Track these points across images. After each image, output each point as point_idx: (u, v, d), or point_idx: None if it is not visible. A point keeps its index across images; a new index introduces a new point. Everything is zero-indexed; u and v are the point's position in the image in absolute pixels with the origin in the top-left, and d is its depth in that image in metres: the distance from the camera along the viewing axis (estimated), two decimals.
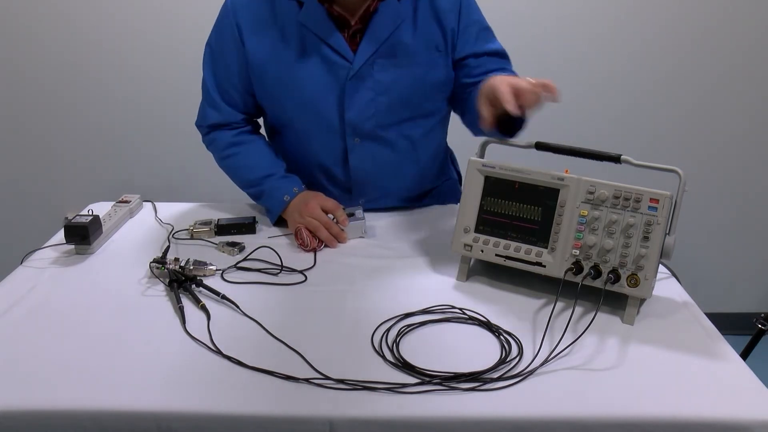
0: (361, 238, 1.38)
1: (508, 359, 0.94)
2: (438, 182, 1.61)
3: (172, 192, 2.25)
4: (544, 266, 1.10)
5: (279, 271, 1.23)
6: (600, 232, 1.06)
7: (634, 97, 2.35)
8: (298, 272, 1.22)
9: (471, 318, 1.06)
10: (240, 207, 1.55)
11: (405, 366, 0.92)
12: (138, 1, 2.18)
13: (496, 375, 0.91)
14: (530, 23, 2.24)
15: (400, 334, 1.01)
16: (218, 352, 0.96)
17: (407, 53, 1.37)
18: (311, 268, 1.24)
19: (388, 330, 1.02)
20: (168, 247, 1.30)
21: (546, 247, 1.11)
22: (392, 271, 1.23)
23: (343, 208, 1.38)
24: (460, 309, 1.08)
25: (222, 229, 1.39)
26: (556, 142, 1.16)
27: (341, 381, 0.89)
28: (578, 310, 1.07)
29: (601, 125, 2.38)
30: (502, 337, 1.00)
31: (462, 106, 1.46)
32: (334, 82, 1.37)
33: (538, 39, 2.26)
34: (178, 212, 1.52)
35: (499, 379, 0.90)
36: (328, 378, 0.90)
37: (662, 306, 1.11)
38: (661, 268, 1.21)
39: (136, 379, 0.90)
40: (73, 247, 1.30)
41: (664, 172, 1.04)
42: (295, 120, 1.43)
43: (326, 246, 1.34)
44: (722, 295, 2.64)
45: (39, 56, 2.23)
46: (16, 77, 2.27)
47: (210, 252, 1.32)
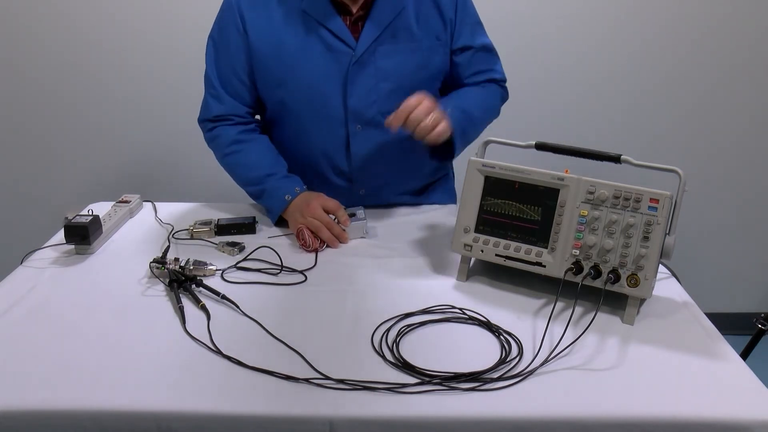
0: (362, 239, 1.38)
1: (508, 359, 0.94)
2: (436, 177, 1.63)
3: (172, 192, 2.26)
4: (544, 266, 1.10)
5: (279, 271, 1.23)
6: (600, 232, 1.06)
7: (634, 97, 2.35)
8: (298, 272, 1.22)
9: (471, 318, 1.06)
10: (240, 207, 1.55)
11: (405, 366, 0.92)
12: (138, 1, 2.18)
13: (496, 375, 0.91)
14: (530, 23, 2.24)
15: (400, 334, 1.01)
16: (218, 352, 0.96)
17: (409, 40, 1.41)
18: (311, 268, 1.24)
19: (388, 330, 1.02)
20: (168, 247, 1.30)
21: (546, 247, 1.11)
22: (392, 271, 1.23)
23: (345, 208, 1.38)
24: (460, 309, 1.08)
25: (222, 229, 1.39)
26: (556, 142, 1.16)
27: (341, 381, 0.89)
28: (578, 310, 1.07)
29: (601, 125, 2.38)
30: (502, 337, 1.00)
31: None
32: (337, 69, 1.39)
33: (538, 39, 2.26)
34: (178, 212, 1.52)
35: (499, 379, 0.90)
36: (328, 378, 0.90)
37: (662, 306, 1.11)
38: (661, 268, 1.21)
39: (136, 379, 0.90)
40: (73, 247, 1.30)
41: (664, 172, 1.04)
42: (298, 108, 1.45)
43: (328, 246, 1.34)
44: (722, 295, 2.63)
45: (39, 56, 2.23)
46: (16, 77, 2.26)
47: (210, 252, 1.32)
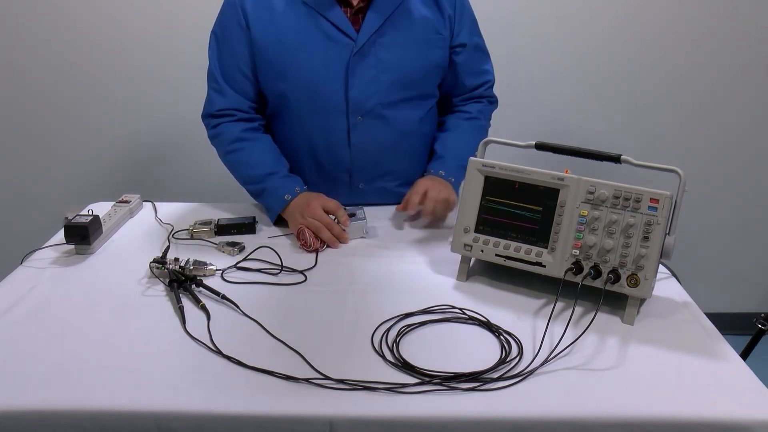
0: (362, 239, 1.38)
1: (508, 359, 0.94)
2: None
3: (172, 192, 2.26)
4: (544, 266, 1.10)
5: (279, 271, 1.23)
6: (600, 232, 1.06)
7: (634, 97, 2.35)
8: (299, 272, 1.22)
9: (471, 318, 1.06)
10: (240, 207, 1.55)
11: (405, 366, 0.92)
12: (138, 1, 2.18)
13: (496, 375, 0.91)
14: (530, 23, 2.24)
15: (400, 334, 1.01)
16: (218, 352, 0.96)
17: (408, 33, 1.43)
18: (311, 268, 1.24)
19: (388, 330, 1.02)
20: (168, 247, 1.30)
21: (546, 247, 1.11)
22: (392, 271, 1.23)
23: (344, 208, 1.38)
24: (460, 309, 1.08)
25: (222, 229, 1.39)
26: (556, 142, 1.16)
27: (341, 381, 0.89)
28: (578, 310, 1.07)
29: (601, 125, 2.38)
30: (502, 337, 1.00)
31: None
32: (338, 60, 1.41)
33: (538, 39, 2.26)
34: (178, 212, 1.52)
35: (499, 379, 0.90)
36: (328, 378, 0.90)
37: (662, 306, 1.11)
38: (661, 268, 1.21)
39: (136, 379, 0.90)
40: (73, 247, 1.30)
41: (664, 172, 1.04)
42: (299, 101, 1.46)
43: (328, 246, 1.34)
44: (722, 295, 2.63)
45: (39, 56, 2.23)
46: (16, 77, 2.26)
47: (210, 252, 1.32)
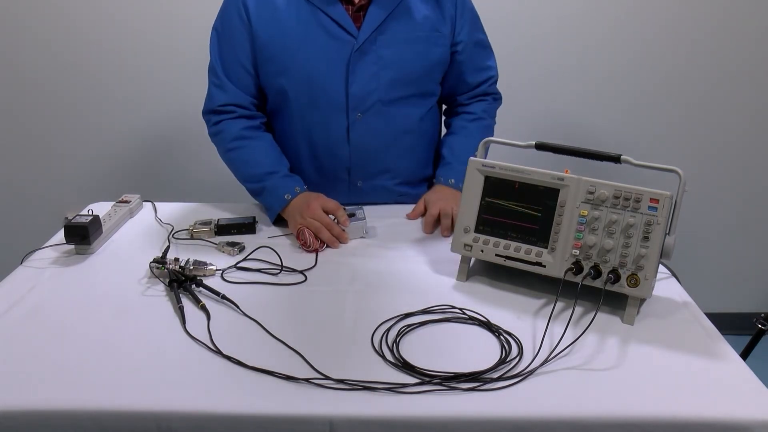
0: (362, 239, 1.38)
1: (508, 359, 0.94)
2: (431, 171, 1.63)
3: (172, 192, 2.26)
4: (544, 266, 1.10)
5: (279, 271, 1.23)
6: (600, 232, 1.06)
7: (634, 97, 2.35)
8: (298, 272, 1.22)
9: (471, 318, 1.06)
10: (240, 207, 1.55)
11: (405, 366, 0.92)
12: (138, 1, 2.18)
13: (496, 375, 0.91)
14: (530, 23, 2.24)
15: (400, 334, 1.01)
16: (218, 352, 0.96)
17: (409, 30, 1.44)
18: (311, 268, 1.24)
19: (388, 330, 1.02)
20: (168, 247, 1.30)
21: (546, 247, 1.11)
22: (392, 271, 1.23)
23: (344, 208, 1.38)
24: (460, 309, 1.08)
25: (222, 229, 1.39)
26: (556, 142, 1.16)
27: (341, 381, 0.89)
28: (578, 310, 1.07)
29: (601, 125, 2.38)
30: (502, 337, 1.00)
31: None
32: (338, 57, 1.42)
33: (538, 39, 2.26)
34: (178, 212, 1.52)
35: (499, 379, 0.90)
36: (328, 378, 0.90)
37: (662, 306, 1.11)
38: (661, 268, 1.21)
39: (136, 379, 0.90)
40: (73, 247, 1.30)
41: (664, 172, 1.04)
42: (299, 97, 1.46)
43: (328, 246, 1.34)
44: (722, 295, 2.63)
45: (39, 56, 2.23)
46: (16, 77, 2.26)
47: (210, 252, 1.32)
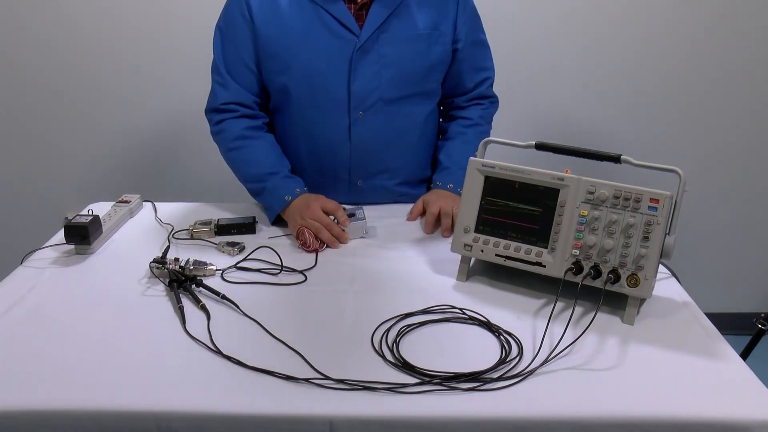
0: (362, 239, 1.38)
1: (508, 359, 0.94)
2: (431, 171, 1.63)
3: (172, 192, 2.26)
4: (544, 266, 1.10)
5: (279, 271, 1.23)
6: (600, 232, 1.06)
7: (634, 97, 2.35)
8: (298, 272, 1.22)
9: (471, 318, 1.06)
10: (240, 207, 1.55)
11: (405, 366, 0.92)
12: (138, 0, 2.18)
13: (496, 375, 0.91)
14: (530, 23, 2.24)
15: (400, 334, 1.01)
16: (218, 352, 0.96)
17: (410, 29, 1.44)
18: (311, 268, 1.24)
19: (388, 330, 1.02)
20: (168, 247, 1.30)
21: (546, 247, 1.11)
22: (392, 271, 1.23)
23: (344, 208, 1.38)
24: (460, 309, 1.08)
25: (222, 229, 1.39)
26: (556, 142, 1.16)
27: (341, 381, 0.89)
28: (578, 310, 1.07)
29: (601, 125, 2.38)
30: (502, 337, 1.00)
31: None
32: (340, 55, 1.42)
33: (538, 39, 2.26)
34: (178, 212, 1.52)
35: (499, 379, 0.90)
36: (328, 378, 0.90)
37: (662, 306, 1.11)
38: (661, 268, 1.21)
39: (136, 379, 0.90)
40: (73, 247, 1.30)
41: (664, 172, 1.04)
42: (301, 95, 1.46)
43: (328, 246, 1.34)
44: (722, 295, 2.63)
45: (39, 56, 2.23)
46: (16, 77, 2.26)
47: (210, 252, 1.32)
